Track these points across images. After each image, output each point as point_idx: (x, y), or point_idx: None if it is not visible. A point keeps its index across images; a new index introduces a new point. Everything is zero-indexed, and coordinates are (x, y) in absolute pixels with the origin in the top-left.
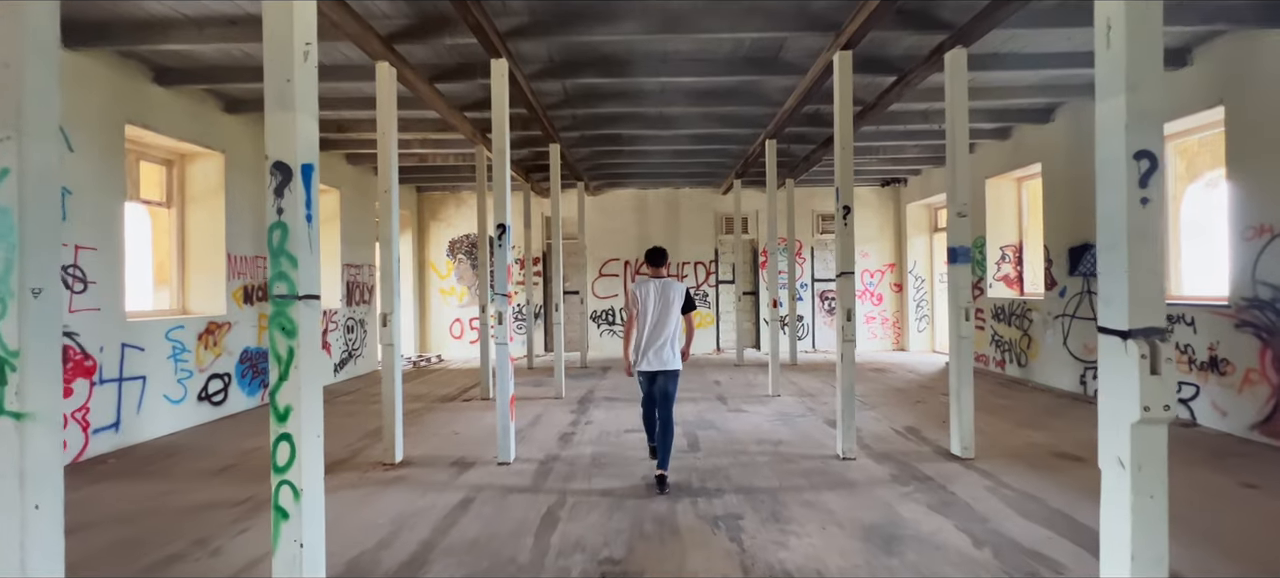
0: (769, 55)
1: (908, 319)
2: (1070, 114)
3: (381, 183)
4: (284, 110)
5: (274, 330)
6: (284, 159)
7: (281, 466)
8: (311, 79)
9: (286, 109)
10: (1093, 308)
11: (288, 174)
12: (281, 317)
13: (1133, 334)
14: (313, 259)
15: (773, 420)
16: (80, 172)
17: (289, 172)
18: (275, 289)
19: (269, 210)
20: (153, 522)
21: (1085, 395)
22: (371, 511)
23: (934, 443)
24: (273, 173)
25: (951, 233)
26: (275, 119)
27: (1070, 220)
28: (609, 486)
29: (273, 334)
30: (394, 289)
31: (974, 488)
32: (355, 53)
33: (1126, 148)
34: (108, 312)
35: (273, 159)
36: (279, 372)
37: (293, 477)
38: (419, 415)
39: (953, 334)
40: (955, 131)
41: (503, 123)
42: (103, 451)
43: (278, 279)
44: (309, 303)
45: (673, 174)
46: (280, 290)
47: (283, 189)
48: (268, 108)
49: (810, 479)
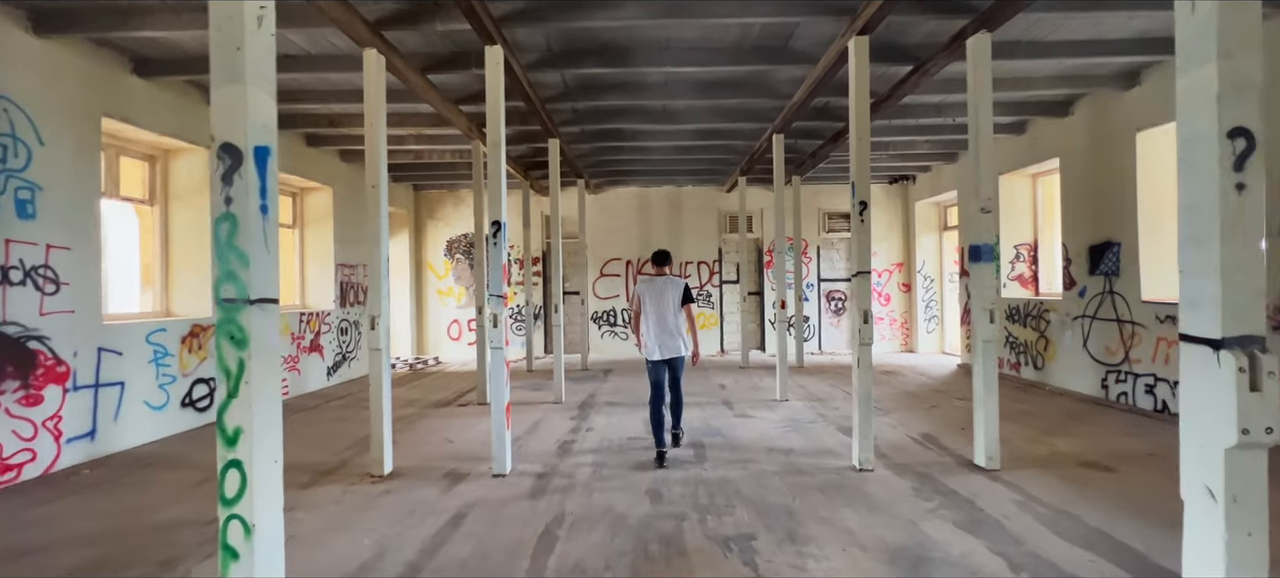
0: (778, 43)
1: (916, 320)
2: (1091, 107)
3: (369, 177)
4: (232, 83)
5: (221, 340)
6: (232, 140)
7: (230, 497)
8: (267, 50)
9: (235, 82)
10: (1114, 308)
11: (237, 158)
12: (230, 324)
13: (1227, 344)
14: (268, 258)
15: (782, 427)
16: (52, 166)
17: (239, 155)
18: (223, 292)
19: (215, 200)
20: (119, 541)
21: (1107, 400)
22: (355, 529)
23: (955, 452)
24: (219, 157)
25: (974, 230)
26: (223, 94)
27: (1090, 218)
28: (611, 501)
29: (219, 344)
30: (382, 290)
31: (1003, 503)
32: (344, 41)
33: (1219, 125)
34: (83, 314)
35: (219, 140)
36: (227, 388)
37: (243, 510)
38: (412, 422)
39: (976, 337)
40: (979, 122)
41: (498, 114)
42: (77, 461)
43: (226, 280)
44: (264, 308)
45: (676, 171)
46: (228, 293)
47: (231, 175)
48: (213, 81)
49: (826, 494)
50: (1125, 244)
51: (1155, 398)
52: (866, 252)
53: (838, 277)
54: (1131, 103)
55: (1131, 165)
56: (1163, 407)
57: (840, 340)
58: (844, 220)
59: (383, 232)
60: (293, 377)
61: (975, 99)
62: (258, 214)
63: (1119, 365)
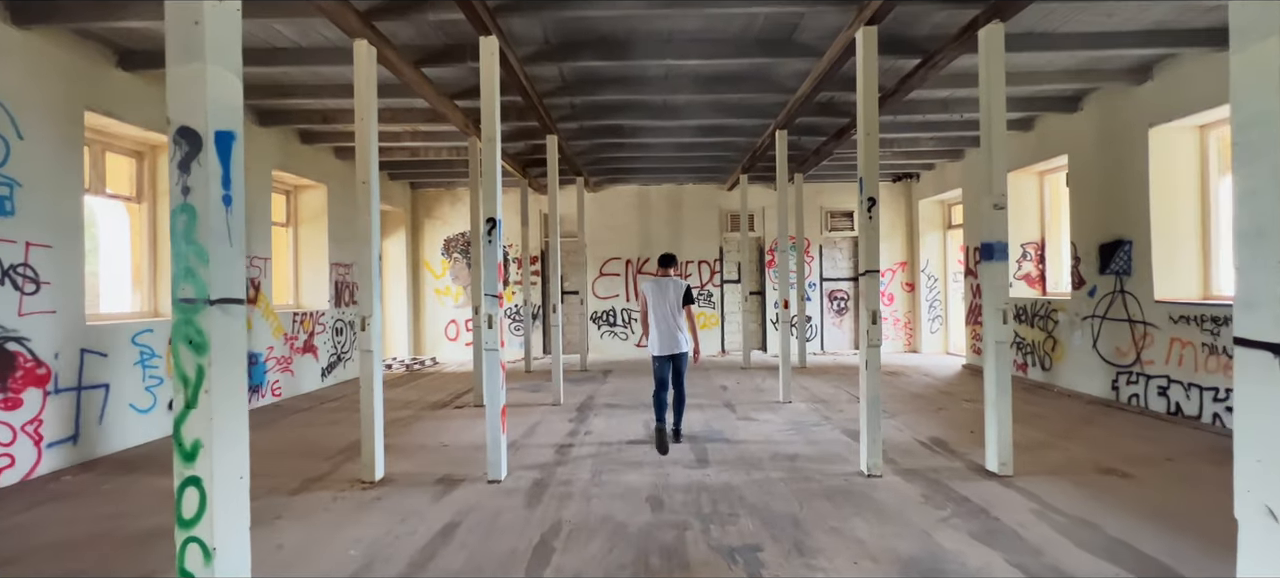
0: (783, 35)
1: (920, 320)
2: (1102, 102)
3: (360, 173)
4: (189, 62)
5: (178, 344)
6: (190, 124)
7: (187, 518)
8: (231, 25)
9: (193, 60)
10: (1125, 308)
11: (196, 143)
12: (188, 326)
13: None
14: (232, 253)
15: (786, 430)
16: (32, 162)
17: (198, 140)
18: (180, 292)
19: (172, 190)
20: (96, 552)
21: (1118, 402)
22: (343, 539)
23: (965, 457)
24: (176, 142)
25: (986, 227)
26: (179, 73)
27: (1101, 216)
28: (610, 509)
29: (176, 349)
30: (373, 291)
31: (1019, 512)
32: (335, 33)
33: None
34: (65, 314)
35: (176, 124)
36: (185, 397)
37: (202, 533)
38: (406, 424)
39: (988, 338)
40: (991, 116)
41: (493, 106)
42: (58, 467)
43: (184, 278)
44: (227, 309)
45: (676, 169)
46: (186, 293)
47: (189, 163)
48: (169, 59)
49: (834, 501)
50: (1137, 243)
51: (1169, 400)
52: (875, 250)
53: (840, 276)
54: (1144, 97)
55: (1143, 162)
56: (1177, 410)
57: (843, 341)
58: (846, 219)
59: (374, 229)
60: (286, 378)
61: (987, 91)
62: (220, 206)
63: (1130, 367)
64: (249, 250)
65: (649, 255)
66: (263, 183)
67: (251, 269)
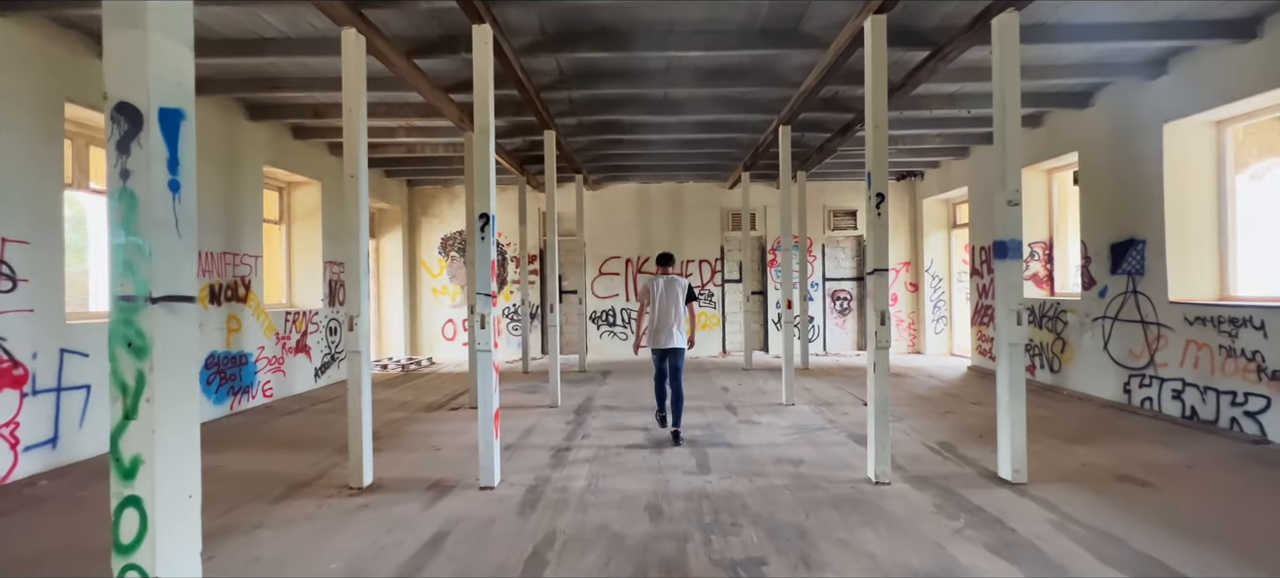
0: (788, 26)
1: (924, 321)
2: (1114, 97)
3: (347, 166)
4: (129, 28)
5: (116, 347)
6: (130, 99)
7: (126, 544)
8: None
9: (133, 27)
10: (1138, 309)
11: (136, 121)
12: (127, 327)
13: None
14: (180, 245)
15: (790, 435)
16: (9, 154)
17: (138, 118)
18: (119, 288)
19: (109, 173)
20: (61, 565)
21: (1130, 405)
22: (324, 551)
23: (976, 463)
24: (113, 119)
25: (1001, 224)
26: (117, 42)
27: (1112, 214)
28: (606, 518)
29: (113, 353)
30: (362, 289)
31: (1036, 523)
32: (324, 23)
33: None
34: (43, 313)
35: (113, 99)
36: (123, 407)
37: (143, 560)
38: (399, 427)
39: (1001, 339)
40: (1006, 108)
41: (486, 96)
42: (35, 471)
43: (123, 273)
44: (173, 308)
45: (677, 167)
46: (125, 289)
47: (128, 143)
48: (106, 25)
49: (841, 510)
50: (1150, 242)
51: (1183, 404)
52: (884, 248)
53: (843, 275)
54: (1158, 92)
55: (1157, 159)
56: (1192, 414)
57: (845, 341)
58: (849, 218)
59: (362, 225)
60: (278, 378)
61: (1001, 83)
62: (165, 192)
63: (1143, 369)
64: (240, 248)
65: (649, 255)
66: (254, 179)
67: (242, 267)
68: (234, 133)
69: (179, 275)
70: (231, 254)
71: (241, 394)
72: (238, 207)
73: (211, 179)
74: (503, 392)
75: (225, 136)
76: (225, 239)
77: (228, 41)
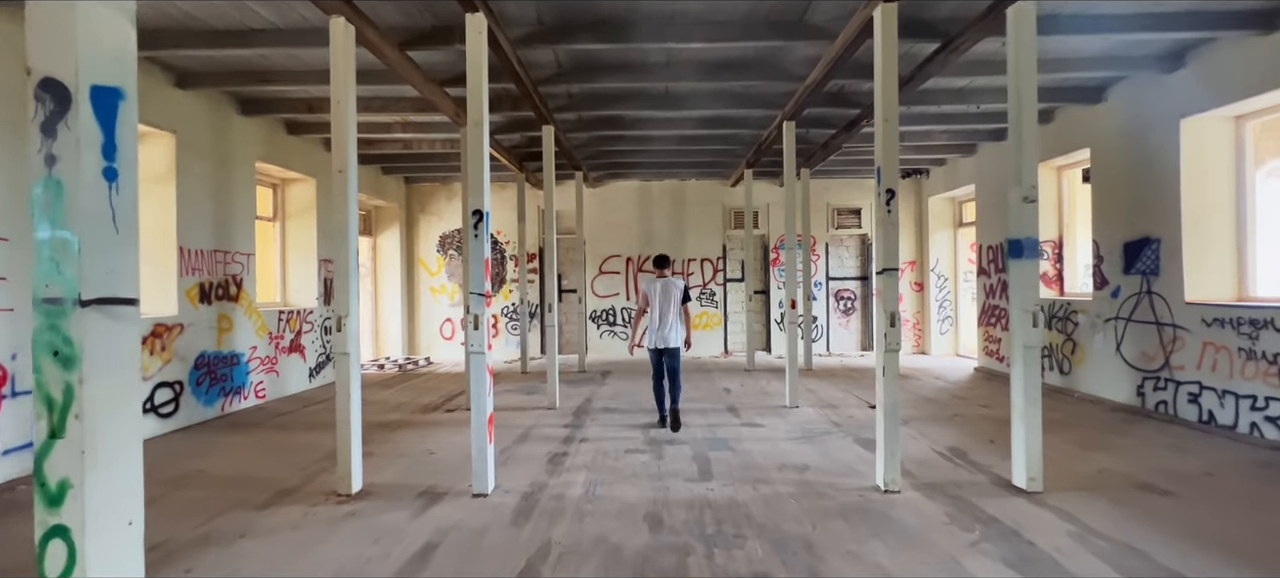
0: (794, 17)
1: (929, 321)
2: (1128, 92)
3: (336, 161)
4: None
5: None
6: (55, 75)
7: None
8: None
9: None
10: (1152, 310)
11: (63, 100)
12: (52, 333)
13: None
14: (118, 241)
15: (794, 438)
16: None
17: (66, 96)
18: (45, 290)
19: (33, 158)
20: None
21: (1144, 409)
22: (308, 563)
23: (988, 470)
24: (38, 97)
25: (1016, 221)
26: (41, 10)
27: (1126, 213)
28: (604, 528)
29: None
30: (350, 288)
31: (1055, 535)
32: (314, 13)
33: None
34: (25, 312)
35: (37, 75)
36: (49, 425)
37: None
38: (392, 430)
39: (1015, 342)
40: (1022, 101)
41: (480, 87)
42: (14, 476)
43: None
44: (109, 311)
45: (678, 164)
46: (51, 291)
47: (54, 124)
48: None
49: (850, 520)
50: (1166, 240)
51: (1200, 408)
52: (894, 246)
53: (847, 275)
54: (1175, 87)
55: (1174, 155)
56: (1209, 418)
57: (849, 342)
58: (854, 217)
59: (351, 223)
60: (271, 379)
61: (1017, 75)
62: (97, 181)
63: (1158, 372)
64: (231, 245)
65: (650, 254)
66: (246, 175)
67: (233, 265)
68: (225, 128)
69: (116, 275)
70: (222, 252)
71: (232, 395)
72: (229, 203)
73: (202, 175)
74: (500, 393)
75: (216, 132)
76: (216, 237)
77: (214, 32)
